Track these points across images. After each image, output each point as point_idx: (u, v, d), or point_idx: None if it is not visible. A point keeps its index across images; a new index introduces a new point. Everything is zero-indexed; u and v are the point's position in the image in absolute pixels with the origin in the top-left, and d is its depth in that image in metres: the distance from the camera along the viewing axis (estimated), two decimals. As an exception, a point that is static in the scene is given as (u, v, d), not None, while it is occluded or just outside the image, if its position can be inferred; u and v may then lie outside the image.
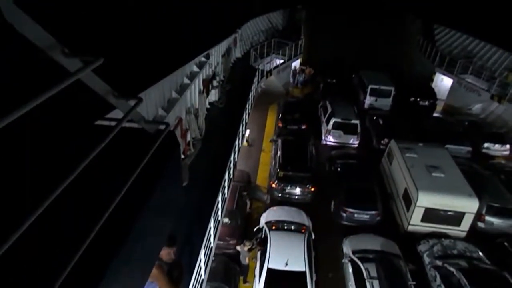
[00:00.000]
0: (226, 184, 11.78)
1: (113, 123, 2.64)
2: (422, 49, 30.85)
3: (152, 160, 2.97)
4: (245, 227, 14.17)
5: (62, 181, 1.80)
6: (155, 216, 3.33)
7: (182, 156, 12.28)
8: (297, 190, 15.95)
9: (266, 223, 13.38)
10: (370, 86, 24.62)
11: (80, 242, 1.85)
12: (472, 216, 13.89)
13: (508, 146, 20.80)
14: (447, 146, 18.20)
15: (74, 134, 3.21)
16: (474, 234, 14.45)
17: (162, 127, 3.56)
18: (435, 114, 25.52)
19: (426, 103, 25.55)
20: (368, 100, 24.77)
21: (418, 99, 25.56)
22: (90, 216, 2.04)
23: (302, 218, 14.02)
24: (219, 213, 10.87)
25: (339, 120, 20.09)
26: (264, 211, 14.67)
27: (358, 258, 12.24)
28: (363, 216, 14.93)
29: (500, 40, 27.62)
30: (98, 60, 2.38)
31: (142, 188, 2.89)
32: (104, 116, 4.24)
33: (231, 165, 12.89)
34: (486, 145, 20.81)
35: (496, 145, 20.80)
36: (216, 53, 18.82)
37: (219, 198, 10.57)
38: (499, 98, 23.52)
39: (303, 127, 21.16)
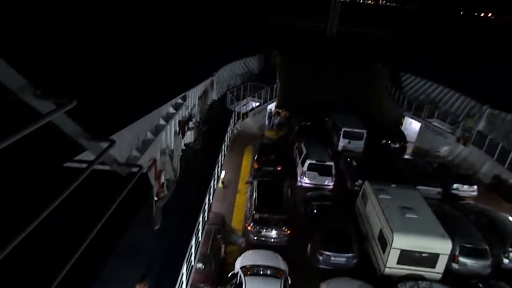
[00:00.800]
0: (200, 227, 11.48)
1: (83, 166, 2.58)
2: (391, 94, 32.40)
3: (123, 203, 2.88)
4: (219, 273, 13.67)
5: (28, 225, 1.72)
6: (124, 261, 3.17)
7: (156, 198, 11.98)
8: (273, 233, 15.69)
9: (241, 268, 12.96)
10: (343, 129, 25.32)
11: (47, 287, 1.75)
12: (446, 257, 13.98)
13: (475, 187, 21.51)
14: (418, 187, 18.63)
15: (43, 176, 3.10)
16: (449, 276, 14.48)
17: (135, 169, 3.50)
18: (405, 156, 26.34)
19: (397, 145, 26.41)
20: (342, 143, 25.38)
21: (389, 142, 26.41)
22: (57, 260, 1.94)
23: (278, 262, 13.68)
24: (193, 257, 10.49)
25: (314, 161, 20.36)
26: (239, 255, 14.27)
27: (336, 303, 11.94)
28: (339, 259, 14.74)
29: (461, 87, 29.54)
30: (72, 102, 2.36)
31: (111, 232, 2.77)
32: (74, 158, 4.14)
33: (206, 208, 12.65)
34: (455, 186, 21.44)
35: (465, 186, 21.46)
36: (193, 95, 19.06)
37: (193, 242, 10.25)
38: (464, 141, 24.66)
39: (279, 168, 21.26)
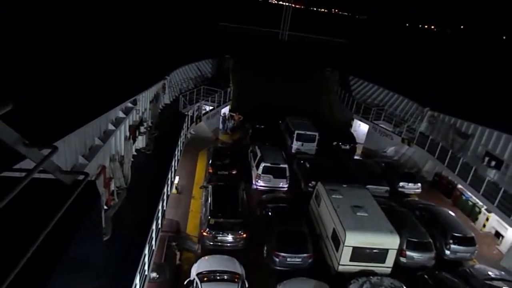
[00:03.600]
0: (153, 235, 11.14)
1: (23, 175, 2.39)
2: (340, 97, 33.63)
3: (68, 214, 2.70)
4: (174, 281, 13.33)
5: None
6: (71, 275, 2.98)
7: (105, 207, 11.45)
8: (229, 237, 15.60)
9: (197, 274, 12.75)
10: (296, 132, 25.86)
11: None
12: (395, 252, 14.70)
13: (419, 184, 22.93)
14: (368, 186, 19.45)
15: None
16: (398, 269, 15.23)
17: (80, 177, 3.30)
18: (355, 157, 27.41)
19: (347, 146, 27.41)
20: (295, 145, 25.90)
21: (340, 143, 27.35)
22: None
23: (234, 266, 13.62)
24: (146, 267, 10.14)
25: (268, 164, 20.56)
26: (195, 261, 14.03)
27: (293, 303, 12.08)
28: (295, 259, 14.97)
29: (404, 91, 31.41)
30: (6, 106, 2.17)
31: (55, 244, 2.59)
32: (12, 167, 3.84)
33: (159, 215, 12.31)
34: (401, 184, 22.71)
35: (410, 184, 22.80)
36: (144, 99, 18.52)
37: (146, 251, 9.92)
38: (408, 142, 26.16)
39: (234, 172, 21.23)
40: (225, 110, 29.91)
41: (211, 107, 27.16)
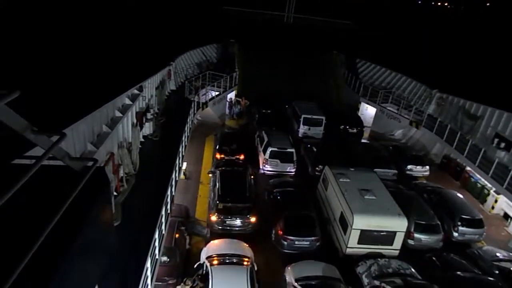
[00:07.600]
0: (163, 220, 11.29)
1: (33, 161, 2.42)
2: (347, 80, 33.25)
3: (78, 200, 2.74)
4: (184, 265, 13.57)
5: None
6: (82, 260, 3.04)
7: (115, 193, 11.60)
8: (237, 222, 15.76)
9: (207, 258, 12.94)
10: (303, 116, 25.74)
11: None
12: (403, 234, 14.75)
13: (427, 167, 22.80)
14: (376, 169, 19.40)
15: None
16: (406, 251, 15.31)
17: (90, 163, 3.34)
18: (363, 140, 27.27)
19: (354, 130, 27.23)
20: (302, 129, 25.81)
21: (347, 127, 27.18)
22: (6, 265, 1.81)
23: (243, 249, 13.79)
24: (157, 251, 10.31)
25: (275, 149, 20.57)
26: (204, 245, 14.23)
27: (301, 285, 12.25)
28: (303, 243, 15.12)
29: (412, 73, 30.93)
30: (13, 93, 2.19)
31: (66, 229, 2.64)
32: (23, 154, 3.89)
33: (168, 200, 12.44)
34: (409, 167, 22.60)
35: (418, 167, 22.69)
36: (150, 86, 18.52)
37: (156, 236, 10.07)
38: (416, 124, 25.91)
39: (241, 157, 21.29)
40: (231, 95, 29.79)
41: (217, 93, 27.07)
